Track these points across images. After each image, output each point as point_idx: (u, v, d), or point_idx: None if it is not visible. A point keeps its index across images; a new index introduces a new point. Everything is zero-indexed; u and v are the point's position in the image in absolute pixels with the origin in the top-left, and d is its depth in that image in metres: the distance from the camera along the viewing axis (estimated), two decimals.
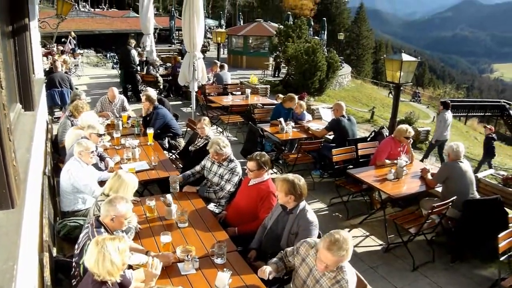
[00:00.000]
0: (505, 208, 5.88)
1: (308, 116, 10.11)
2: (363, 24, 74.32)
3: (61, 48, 21.55)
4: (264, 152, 5.16)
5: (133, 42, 15.29)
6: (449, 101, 12.47)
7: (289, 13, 36.66)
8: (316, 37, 29.11)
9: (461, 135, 27.68)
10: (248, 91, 12.55)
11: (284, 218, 4.31)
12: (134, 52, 14.92)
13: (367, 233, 6.71)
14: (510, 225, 5.32)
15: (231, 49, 30.35)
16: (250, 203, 4.98)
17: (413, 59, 8.57)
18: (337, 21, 73.34)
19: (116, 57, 23.49)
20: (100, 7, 53.59)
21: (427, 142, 14.10)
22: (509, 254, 5.21)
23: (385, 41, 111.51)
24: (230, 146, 5.67)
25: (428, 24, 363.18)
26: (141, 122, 8.27)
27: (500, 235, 4.87)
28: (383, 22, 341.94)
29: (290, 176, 4.24)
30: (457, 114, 38.93)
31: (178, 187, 5.47)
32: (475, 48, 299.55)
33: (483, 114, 42.55)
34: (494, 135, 13.09)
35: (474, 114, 41.94)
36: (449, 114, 11.80)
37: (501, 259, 5.04)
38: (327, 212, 7.40)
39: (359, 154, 7.76)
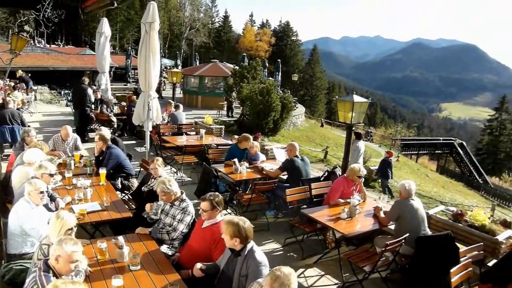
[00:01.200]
0: (456, 243, 6.03)
1: (262, 157, 10.19)
2: (317, 65, 76.05)
3: (12, 83, 21.13)
4: (217, 193, 5.17)
5: (87, 80, 15.14)
6: (361, 132, 14.06)
7: (244, 54, 37.12)
8: (270, 78, 29.60)
9: (413, 172, 28.31)
10: (202, 131, 12.54)
11: (233, 261, 4.31)
12: (90, 91, 14.80)
13: (322, 273, 6.71)
14: (461, 260, 5.44)
15: (187, 89, 30.49)
16: (204, 245, 4.95)
17: (364, 100, 8.80)
18: (292, 63, 74.84)
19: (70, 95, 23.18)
20: (56, 43, 53.20)
21: (379, 180, 14.37)
22: None
23: (338, 82, 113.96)
24: (177, 186, 5.65)
25: (379, 66, 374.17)
26: (93, 161, 8.15)
27: (452, 270, 4.98)
28: (336, 64, 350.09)
29: (235, 218, 4.27)
30: (408, 152, 40.02)
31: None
32: (424, 89, 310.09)
33: (433, 151, 43.85)
34: (390, 159, 14.39)
35: (425, 152, 43.16)
36: (361, 144, 13.10)
37: None
38: (282, 252, 7.38)
39: (313, 193, 7.80)
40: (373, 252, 6.34)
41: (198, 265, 4.40)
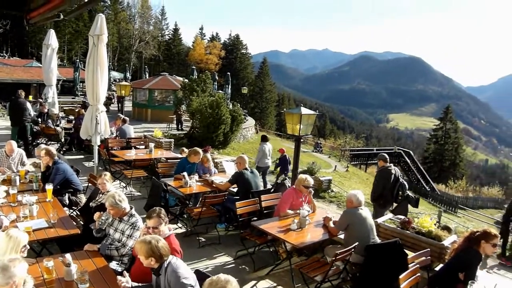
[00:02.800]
0: (405, 250, 6.16)
1: (214, 170, 10.23)
2: (266, 78, 76.62)
3: None
4: (156, 207, 5.13)
5: (23, 93, 14.69)
6: (266, 135, 15.35)
7: (194, 67, 37.11)
8: (220, 91, 29.65)
9: (362, 182, 28.77)
10: (151, 145, 12.44)
11: (158, 280, 4.30)
12: (28, 105, 14.42)
13: (275, 284, 6.74)
14: (409, 265, 5.53)
15: (136, 102, 30.13)
16: None
17: (312, 112, 8.94)
18: (242, 75, 75.18)
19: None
20: (1, 55, 51.71)
21: (329, 191, 14.55)
22: None
23: (288, 95, 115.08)
24: (127, 201, 5.59)
25: (328, 78, 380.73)
26: (39, 177, 7.95)
27: (401, 276, 5.06)
28: (285, 76, 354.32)
29: (148, 238, 4.23)
30: (357, 162, 40.73)
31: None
32: (371, 100, 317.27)
33: None
34: (286, 155, 16.00)
35: (374, 161, 43.94)
36: (266, 146, 14.25)
37: None
38: (233, 265, 7.36)
39: (263, 205, 7.84)
40: (324, 261, 6.40)
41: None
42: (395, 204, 10.11)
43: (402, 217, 7.75)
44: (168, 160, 11.86)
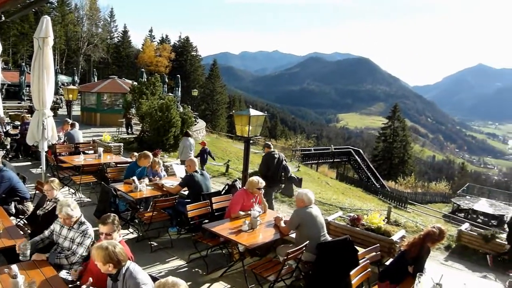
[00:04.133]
0: (355, 246, 6.29)
1: (164, 173, 10.17)
2: (217, 80, 76.51)
3: None
4: (110, 214, 5.06)
5: None
6: (188, 132, 16.64)
7: (143, 70, 36.67)
8: (170, 94, 29.40)
9: (314, 181, 29.10)
10: (100, 149, 12.26)
11: (114, 286, 4.24)
12: None
13: (229, 286, 6.74)
14: (360, 261, 5.62)
15: (85, 106, 29.54)
16: None
17: (260, 113, 8.98)
18: (192, 78, 74.86)
19: None
20: None
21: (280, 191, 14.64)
22: None
23: (238, 96, 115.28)
24: (78, 208, 5.47)
25: (278, 79, 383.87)
26: None
27: (351, 272, 5.14)
28: (236, 78, 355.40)
29: (104, 243, 4.17)
30: (309, 162, 41.17)
31: (28, 254, 5.11)
32: (321, 100, 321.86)
33: (332, 160, 45.40)
34: (206, 148, 17.36)
35: (324, 161, 44.60)
36: (188, 141, 15.24)
37: None
38: (186, 268, 7.32)
39: (214, 207, 7.82)
40: (277, 261, 6.43)
41: None
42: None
43: (352, 214, 7.88)
44: (118, 165, 11.73)
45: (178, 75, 38.36)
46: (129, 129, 24.68)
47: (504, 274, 8.64)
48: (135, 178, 8.72)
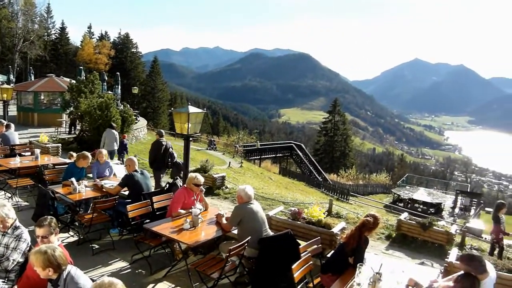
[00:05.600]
0: (297, 240, 6.36)
1: (112, 170, 10.11)
2: (158, 77, 75.62)
3: None
4: (47, 216, 4.92)
5: None
6: (112, 124, 16.75)
7: (81, 67, 35.84)
8: (110, 92, 28.89)
9: (257, 176, 29.20)
10: (37, 151, 11.90)
11: None
12: None
13: (173, 285, 6.67)
14: (302, 255, 5.66)
15: (21, 106, 28.46)
16: None
17: (200, 110, 8.94)
18: (133, 75, 73.61)
19: None
20: None
21: (223, 188, 14.63)
22: (305, 281, 5.59)
23: (180, 93, 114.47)
24: (14, 212, 5.26)
25: (220, 75, 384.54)
26: None
27: (293, 266, 5.18)
28: (177, 75, 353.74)
29: (43, 248, 4.04)
30: (251, 157, 41.30)
31: None
32: (263, 96, 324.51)
33: (274, 155, 45.77)
34: (124, 140, 18.04)
35: (267, 156, 44.87)
36: (111, 133, 15.70)
37: (298, 287, 5.32)
38: (129, 270, 7.18)
39: (155, 207, 7.72)
40: (220, 258, 6.42)
41: None
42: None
43: (293, 208, 7.97)
44: (56, 166, 11.39)
45: (118, 73, 37.64)
46: (73, 129, 24.05)
47: (441, 259, 8.96)
48: (73, 179, 8.52)
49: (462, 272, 4.62)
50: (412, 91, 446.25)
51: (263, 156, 44.05)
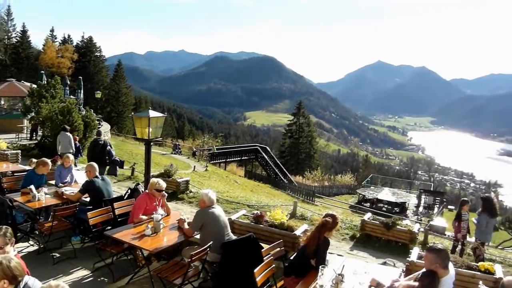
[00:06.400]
0: (260, 243, 6.36)
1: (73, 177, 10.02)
2: (122, 81, 74.80)
3: None
4: (2, 226, 4.80)
5: None
6: (66, 126, 16.25)
7: (42, 72, 35.22)
8: (72, 96, 28.50)
9: (222, 180, 29.14)
10: None
11: None
12: None
13: None
14: (264, 258, 5.69)
15: None
16: None
17: (161, 114, 8.88)
18: (96, 79, 72.58)
19: None
20: None
21: (188, 192, 14.56)
22: (268, 284, 5.58)
23: (145, 97, 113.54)
24: None
25: (185, 79, 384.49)
26: None
27: (255, 270, 5.18)
28: (142, 78, 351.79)
29: None
30: (217, 161, 41.25)
31: None
32: (228, 99, 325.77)
33: (240, 158, 45.82)
34: (77, 143, 17.16)
35: (232, 159, 44.89)
36: (65, 136, 15.49)
37: None
38: (92, 278, 7.05)
39: (117, 213, 7.60)
40: (183, 264, 6.34)
41: None
42: None
43: (256, 211, 7.98)
44: (15, 174, 11.15)
45: (80, 77, 37.13)
46: (34, 135, 23.61)
47: (405, 258, 9.09)
48: (32, 187, 8.33)
49: (423, 270, 4.70)
50: (375, 92, 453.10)
51: (228, 159, 44.01)
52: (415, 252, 7.43)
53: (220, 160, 42.71)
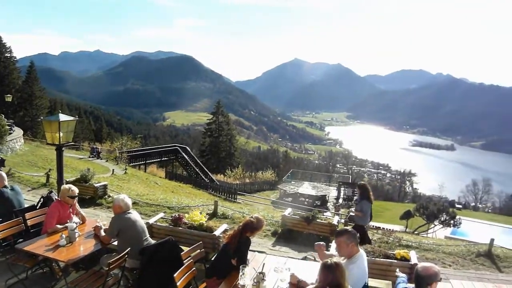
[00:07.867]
0: (181, 246, 6.30)
1: None
2: (35, 83, 71.77)
3: None
4: None
5: None
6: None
7: None
8: None
9: (142, 182, 28.68)
10: None
11: None
12: None
13: None
14: (184, 261, 5.67)
15: None
16: None
17: (71, 118, 8.63)
18: (7, 82, 69.18)
19: None
20: None
21: (106, 197, 14.26)
22: (190, 287, 5.58)
23: (60, 100, 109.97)
24: None
25: (101, 80, 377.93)
26: None
27: (175, 274, 5.12)
28: (57, 80, 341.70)
29: None
30: (136, 163, 40.58)
31: None
32: (146, 100, 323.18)
33: (160, 159, 45.40)
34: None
35: (152, 160, 44.38)
36: None
37: None
38: None
39: (30, 224, 7.22)
40: (102, 273, 6.16)
41: None
42: None
43: (174, 214, 7.91)
44: None
45: None
46: None
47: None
48: None
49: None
50: (293, 89, 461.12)
51: (148, 161, 43.38)
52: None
53: (140, 162, 42.01)
